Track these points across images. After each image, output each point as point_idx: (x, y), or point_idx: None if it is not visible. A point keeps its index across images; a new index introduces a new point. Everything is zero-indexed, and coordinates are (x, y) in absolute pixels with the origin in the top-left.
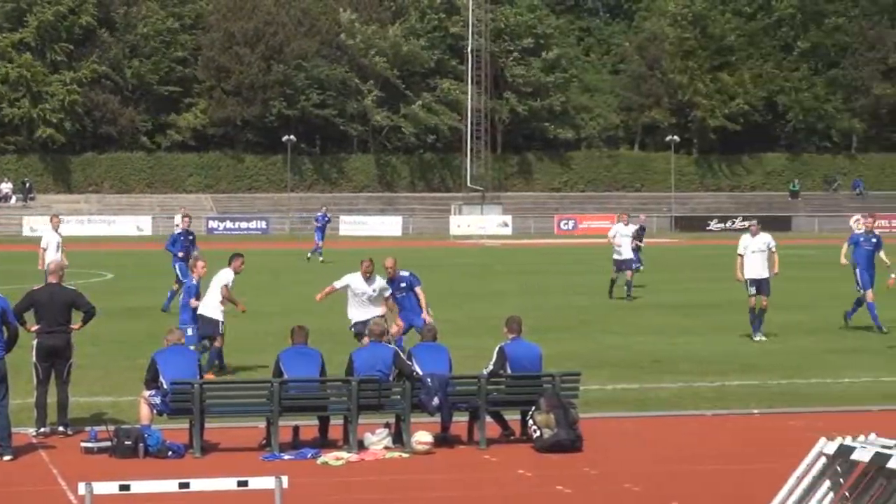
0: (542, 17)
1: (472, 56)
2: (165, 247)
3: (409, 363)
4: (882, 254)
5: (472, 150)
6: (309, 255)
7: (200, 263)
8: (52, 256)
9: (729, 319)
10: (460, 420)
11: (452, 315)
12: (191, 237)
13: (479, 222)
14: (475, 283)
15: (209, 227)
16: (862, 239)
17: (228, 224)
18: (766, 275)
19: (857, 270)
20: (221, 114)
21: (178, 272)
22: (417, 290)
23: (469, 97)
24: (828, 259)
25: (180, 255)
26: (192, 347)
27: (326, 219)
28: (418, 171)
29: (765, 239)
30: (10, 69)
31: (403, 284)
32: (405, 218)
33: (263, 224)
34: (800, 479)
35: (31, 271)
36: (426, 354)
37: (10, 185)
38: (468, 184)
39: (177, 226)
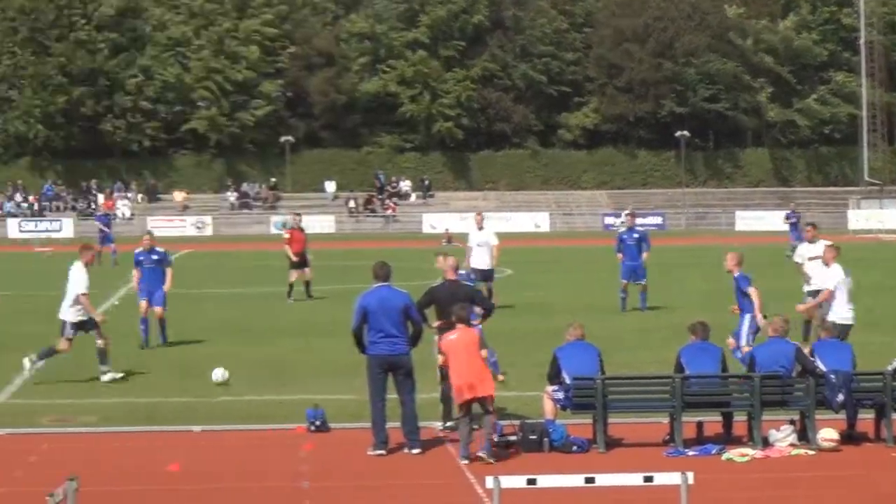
0: None
1: (866, 48)
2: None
3: (812, 359)
4: None
5: (868, 143)
6: (788, 252)
7: None
8: (475, 255)
9: None
10: (866, 417)
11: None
12: (635, 235)
13: (878, 217)
14: (879, 277)
15: (605, 223)
16: None
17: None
18: None
19: None
20: (613, 111)
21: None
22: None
23: (864, 89)
24: None
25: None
26: None
27: (796, 216)
28: (814, 165)
29: None
30: (406, 67)
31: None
32: (803, 211)
33: (659, 220)
34: None
35: (429, 269)
36: (829, 351)
37: (409, 182)
38: (865, 177)
39: (622, 223)
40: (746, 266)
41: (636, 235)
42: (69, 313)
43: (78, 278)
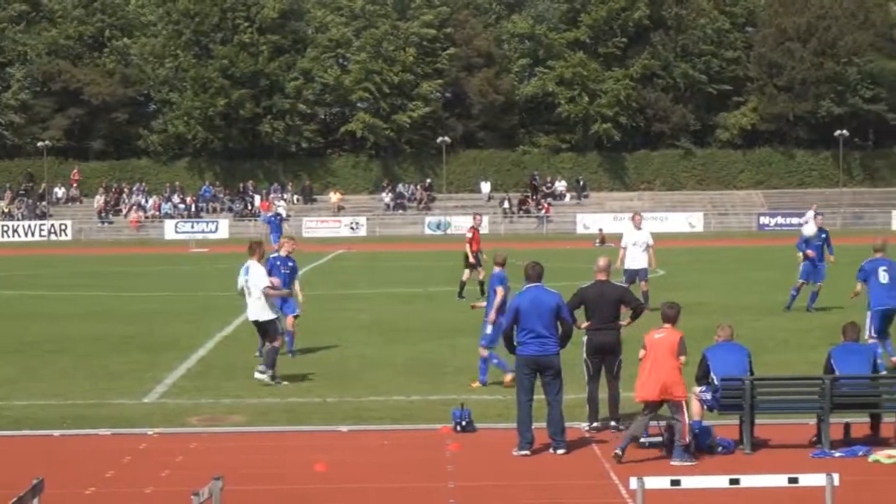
0: None
1: None
2: (797, 245)
3: None
4: None
5: None
6: None
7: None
8: (630, 255)
9: None
10: None
11: None
12: (823, 235)
13: None
14: None
15: (760, 223)
16: None
17: (780, 220)
18: None
19: None
20: (773, 110)
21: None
22: None
23: None
24: None
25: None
26: None
27: None
28: None
29: None
30: (565, 69)
31: None
32: None
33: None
34: None
35: (585, 269)
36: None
37: (564, 183)
38: None
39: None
40: None
41: (823, 236)
42: (261, 312)
43: (259, 274)
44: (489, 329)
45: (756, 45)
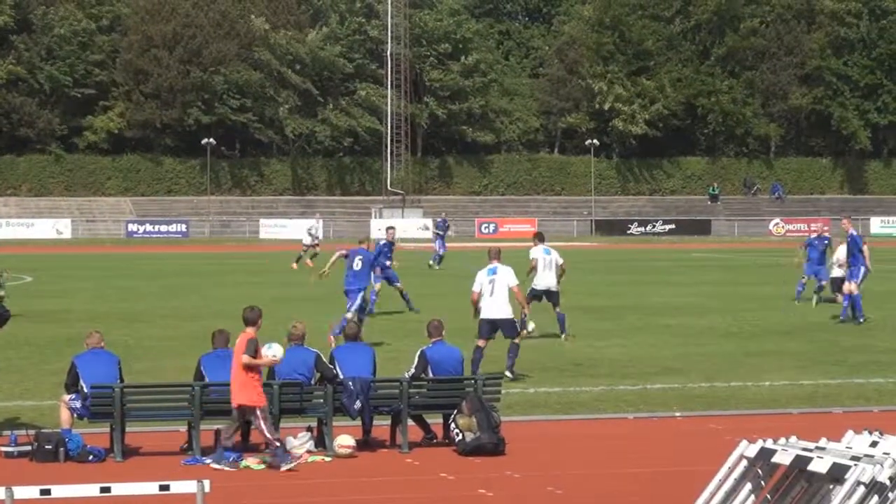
0: (462, 22)
1: (392, 60)
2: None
3: (331, 367)
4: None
5: (392, 153)
6: (430, 262)
7: None
8: None
9: (649, 322)
10: (382, 424)
11: (373, 318)
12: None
13: (401, 226)
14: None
15: (129, 230)
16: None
17: (148, 227)
18: None
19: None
20: (140, 117)
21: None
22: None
23: (389, 101)
24: (747, 262)
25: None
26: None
27: (446, 225)
28: (336, 175)
29: None
30: None
31: None
32: (326, 221)
33: (183, 227)
34: (721, 482)
35: None
36: (349, 356)
37: None
38: (388, 187)
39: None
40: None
41: (826, 242)
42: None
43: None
44: None
45: (123, 50)
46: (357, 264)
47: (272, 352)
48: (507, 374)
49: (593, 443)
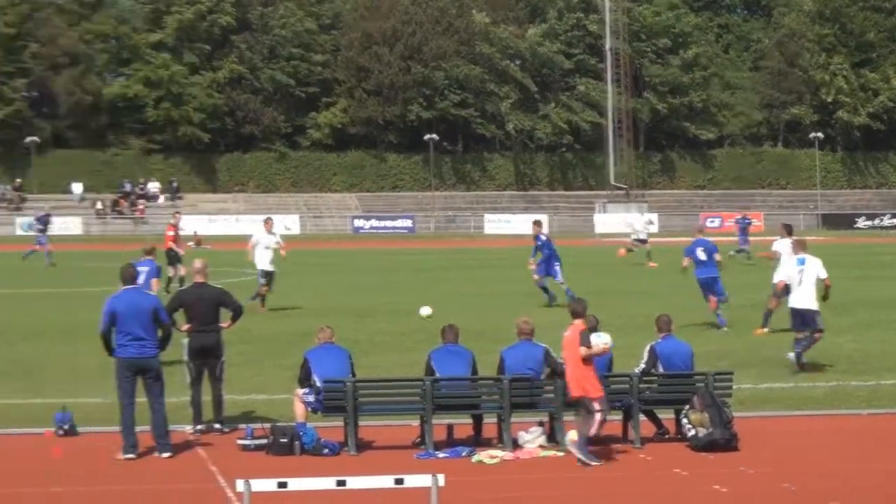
0: (681, 16)
1: (611, 55)
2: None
3: (560, 361)
4: None
5: (614, 148)
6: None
7: None
8: (259, 256)
9: (880, 318)
10: (614, 419)
11: (601, 314)
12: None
13: (625, 220)
14: (621, 281)
15: (355, 225)
16: None
17: (374, 223)
18: None
19: None
20: (362, 113)
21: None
22: None
23: (609, 96)
24: None
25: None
26: None
27: (747, 221)
28: (558, 170)
29: None
30: (150, 70)
31: None
32: (549, 216)
33: (409, 222)
34: None
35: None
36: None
37: (157, 184)
38: (611, 182)
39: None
40: None
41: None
42: None
43: None
44: None
45: (344, 48)
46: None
47: (602, 340)
48: (791, 356)
49: (826, 438)
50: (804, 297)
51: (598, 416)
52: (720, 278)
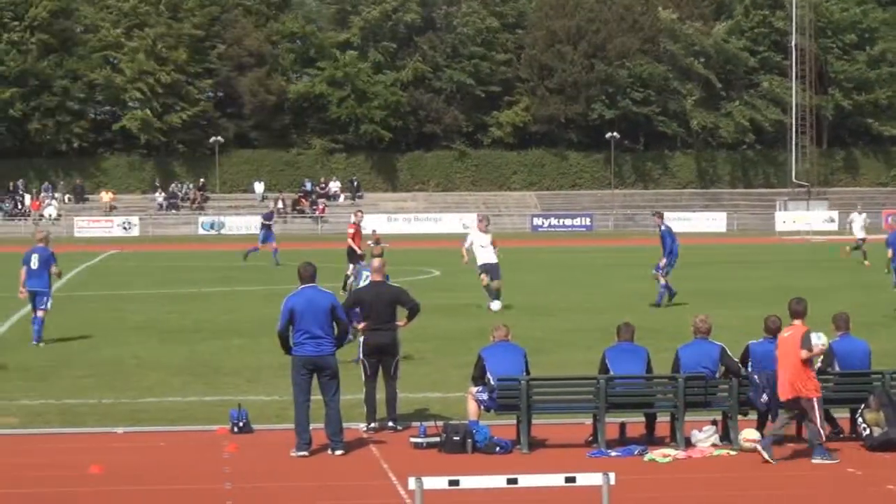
0: (868, 11)
1: (796, 52)
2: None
3: (736, 360)
4: None
5: (797, 145)
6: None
7: None
8: (480, 255)
9: None
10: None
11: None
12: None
13: (805, 218)
14: (801, 279)
15: (534, 224)
16: None
17: (553, 221)
18: None
19: None
20: (544, 112)
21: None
22: None
23: (793, 93)
24: None
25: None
26: None
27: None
28: (740, 168)
29: None
30: (335, 69)
31: None
32: (729, 214)
33: (588, 220)
34: None
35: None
36: (758, 350)
37: (338, 183)
38: (793, 179)
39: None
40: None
41: None
42: None
43: None
44: None
45: (527, 47)
46: None
47: (821, 341)
48: None
49: None
50: None
51: (817, 417)
52: None
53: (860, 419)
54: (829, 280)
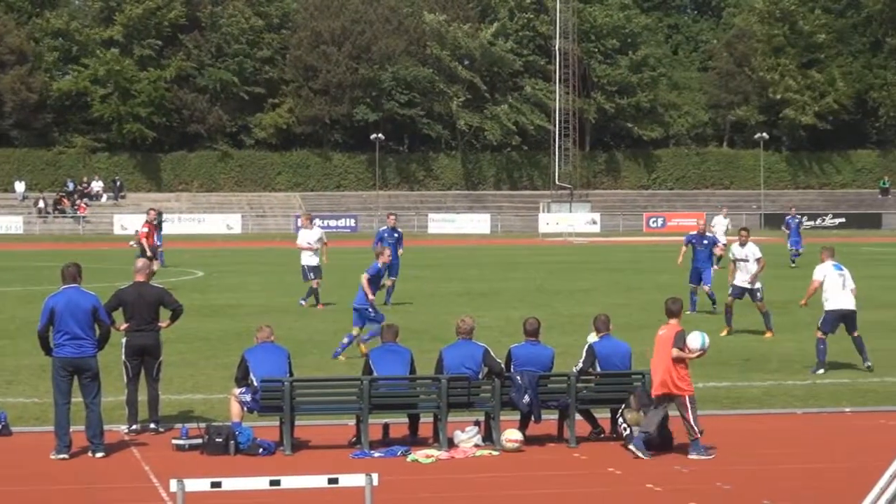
0: (631, 16)
1: (560, 55)
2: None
3: (498, 360)
4: None
5: (559, 148)
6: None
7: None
8: (304, 254)
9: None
10: (550, 418)
11: (540, 313)
12: (396, 235)
13: (568, 220)
14: (563, 280)
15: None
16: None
17: (317, 222)
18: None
19: None
20: (309, 113)
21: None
22: None
23: (557, 96)
24: None
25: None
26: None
27: (797, 219)
28: (505, 170)
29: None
30: (98, 66)
31: None
32: (493, 215)
33: (353, 222)
34: (892, 478)
35: (121, 269)
36: (520, 353)
37: (101, 183)
38: (556, 182)
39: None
40: None
41: (705, 242)
42: None
43: None
44: None
45: (291, 47)
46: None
47: (698, 343)
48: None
49: (761, 438)
50: (847, 299)
51: (689, 414)
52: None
53: (621, 419)
54: (590, 281)
